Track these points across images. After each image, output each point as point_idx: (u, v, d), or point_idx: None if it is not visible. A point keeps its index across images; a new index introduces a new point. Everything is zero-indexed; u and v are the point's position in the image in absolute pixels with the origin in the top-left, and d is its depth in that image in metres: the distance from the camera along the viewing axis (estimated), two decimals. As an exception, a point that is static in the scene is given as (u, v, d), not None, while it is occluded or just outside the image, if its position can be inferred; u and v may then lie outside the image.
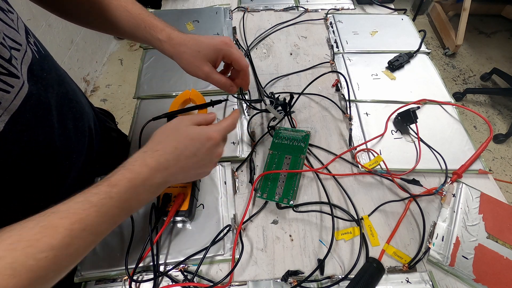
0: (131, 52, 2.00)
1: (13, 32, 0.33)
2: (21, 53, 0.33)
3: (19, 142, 0.34)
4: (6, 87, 0.30)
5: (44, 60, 0.39)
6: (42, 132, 0.37)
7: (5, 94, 0.30)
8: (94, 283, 0.42)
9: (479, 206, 0.47)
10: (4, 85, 0.30)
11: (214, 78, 0.45)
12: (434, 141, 0.55)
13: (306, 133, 0.54)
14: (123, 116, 1.67)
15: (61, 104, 0.41)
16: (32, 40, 0.37)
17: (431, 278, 0.42)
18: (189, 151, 0.36)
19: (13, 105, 0.31)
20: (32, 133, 0.35)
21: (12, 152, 0.33)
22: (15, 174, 0.35)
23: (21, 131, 0.33)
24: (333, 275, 0.42)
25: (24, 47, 0.34)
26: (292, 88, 0.65)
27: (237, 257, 0.42)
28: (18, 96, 0.32)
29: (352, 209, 0.48)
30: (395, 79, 0.65)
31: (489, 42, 2.11)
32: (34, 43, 0.38)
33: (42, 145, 0.37)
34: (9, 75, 0.31)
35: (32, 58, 0.35)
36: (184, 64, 0.44)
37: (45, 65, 0.38)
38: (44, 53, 0.40)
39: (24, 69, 0.33)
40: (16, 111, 0.32)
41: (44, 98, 0.37)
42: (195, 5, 0.86)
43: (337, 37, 0.73)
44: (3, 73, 0.30)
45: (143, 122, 0.52)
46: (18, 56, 0.33)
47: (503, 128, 1.66)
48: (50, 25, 1.44)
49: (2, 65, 0.30)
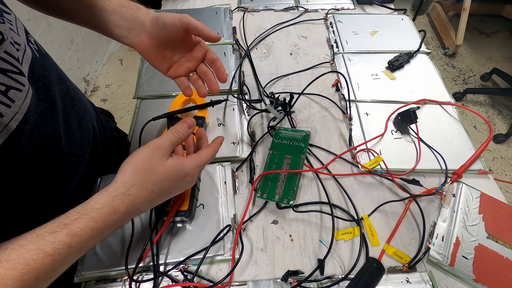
0: (131, 52, 2.00)
1: (12, 33, 0.33)
2: (21, 52, 0.33)
3: (30, 141, 0.34)
4: (19, 86, 0.30)
5: (45, 59, 0.39)
6: (50, 130, 0.37)
7: (18, 93, 0.30)
8: (94, 283, 0.42)
9: (479, 206, 0.47)
10: (17, 83, 0.30)
11: None
12: (434, 141, 0.55)
13: (306, 133, 0.54)
14: (123, 116, 1.67)
15: (64, 102, 0.41)
16: (32, 39, 0.37)
17: (431, 278, 0.42)
18: (164, 191, 0.35)
19: (25, 104, 0.32)
20: (41, 131, 0.35)
21: (23, 152, 0.33)
22: (21, 174, 0.35)
23: (31, 130, 0.33)
24: (333, 275, 0.42)
25: (23, 47, 0.34)
26: (292, 88, 0.65)
27: (237, 257, 0.42)
28: (29, 94, 0.32)
29: (352, 209, 0.48)
30: (395, 79, 0.65)
31: (489, 42, 2.11)
32: (34, 42, 0.38)
33: (50, 143, 0.37)
34: (20, 74, 0.31)
35: (33, 57, 0.35)
36: None
37: (46, 63, 0.38)
38: (44, 52, 0.40)
39: (25, 68, 0.33)
40: (27, 110, 0.32)
41: (49, 96, 0.37)
42: (195, 5, 0.86)
43: (337, 37, 0.73)
44: (15, 72, 0.30)
45: (143, 122, 0.52)
46: (19, 56, 0.33)
47: (503, 128, 1.66)
48: (50, 25, 1.44)
49: (13, 64, 0.30)
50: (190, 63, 0.44)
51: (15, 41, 0.32)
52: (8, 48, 0.30)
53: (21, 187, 0.36)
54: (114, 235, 0.44)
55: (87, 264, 0.42)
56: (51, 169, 0.39)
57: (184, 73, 0.45)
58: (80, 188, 0.46)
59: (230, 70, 0.66)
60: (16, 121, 0.30)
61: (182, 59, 0.44)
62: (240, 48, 0.71)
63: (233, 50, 0.70)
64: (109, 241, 0.44)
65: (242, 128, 0.57)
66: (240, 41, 0.73)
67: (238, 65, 0.67)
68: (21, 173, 0.34)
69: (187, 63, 0.44)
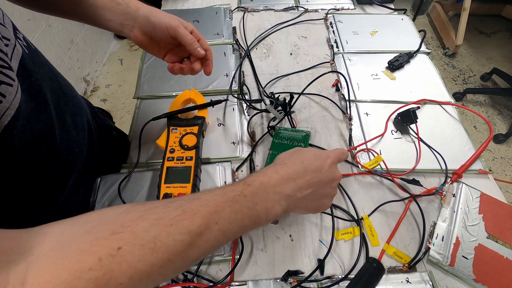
0: (131, 52, 2.01)
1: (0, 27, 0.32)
2: (11, 48, 0.33)
3: (23, 137, 0.34)
4: (9, 81, 0.30)
5: (35, 55, 0.39)
6: (43, 126, 0.37)
7: (9, 88, 0.30)
8: (94, 283, 0.42)
9: (479, 206, 0.47)
10: (7, 78, 0.30)
11: None
12: (434, 141, 0.55)
13: (306, 133, 0.54)
14: (123, 116, 1.67)
15: (57, 98, 0.41)
16: (20, 36, 0.37)
17: (431, 278, 0.42)
18: (314, 166, 0.36)
19: (16, 99, 0.31)
20: (34, 127, 0.35)
21: (17, 147, 0.33)
22: (19, 172, 0.35)
23: (24, 125, 0.33)
24: (333, 275, 0.42)
25: (13, 42, 0.34)
26: (292, 88, 0.65)
27: (237, 257, 0.42)
28: (19, 89, 0.32)
29: (352, 209, 0.48)
30: (395, 79, 0.65)
31: (489, 42, 2.11)
32: (23, 38, 0.37)
33: (44, 140, 0.37)
34: (9, 69, 0.31)
35: (23, 53, 0.35)
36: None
37: (36, 59, 0.38)
38: (34, 49, 0.40)
39: (15, 63, 0.33)
40: (19, 105, 0.32)
41: (41, 92, 0.37)
42: (195, 5, 0.86)
43: (337, 37, 0.73)
44: (5, 66, 0.30)
45: (143, 122, 0.52)
46: (8, 51, 0.32)
47: (503, 128, 1.66)
48: (50, 25, 1.44)
49: (3, 59, 0.30)
50: (183, 52, 0.48)
51: (3, 36, 0.32)
52: None
53: (20, 184, 0.36)
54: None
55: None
56: (48, 166, 0.39)
57: (178, 59, 0.49)
58: (79, 186, 0.46)
59: (230, 70, 0.66)
60: (8, 116, 0.30)
61: (175, 48, 0.48)
62: (240, 48, 0.71)
63: (233, 50, 0.70)
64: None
65: (242, 128, 0.57)
66: (240, 41, 0.73)
67: (238, 65, 0.67)
68: (18, 170, 0.34)
69: (180, 52, 0.48)
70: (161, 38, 0.45)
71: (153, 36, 0.45)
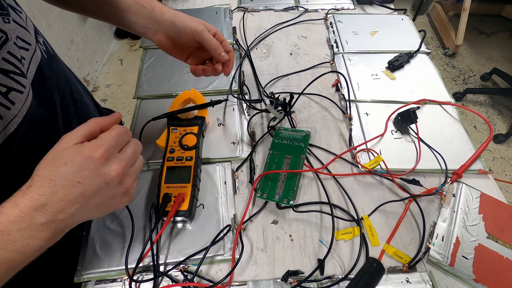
0: (131, 52, 2.00)
1: (23, 31, 0.32)
2: (30, 53, 0.33)
3: (27, 144, 0.33)
4: (20, 88, 0.30)
5: (52, 60, 0.39)
6: (49, 133, 0.37)
7: (19, 95, 0.30)
8: (94, 283, 0.42)
9: (479, 206, 0.47)
10: (18, 85, 0.30)
11: None
12: (434, 141, 0.55)
13: (306, 133, 0.54)
14: (123, 116, 1.68)
15: (66, 106, 0.41)
16: (41, 40, 0.37)
17: (431, 278, 0.42)
18: (67, 179, 0.28)
19: (25, 106, 0.31)
20: (39, 135, 0.35)
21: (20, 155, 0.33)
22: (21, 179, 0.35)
23: (28, 132, 0.33)
24: (333, 275, 0.42)
25: (33, 47, 0.33)
26: (292, 88, 0.65)
27: (237, 257, 0.42)
28: (29, 96, 0.32)
29: (352, 209, 0.48)
30: (395, 79, 0.65)
31: (489, 42, 2.11)
32: (43, 43, 0.37)
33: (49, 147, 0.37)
34: (21, 75, 0.31)
35: (41, 58, 0.35)
36: None
37: (53, 65, 0.38)
38: (52, 53, 0.39)
39: (32, 68, 0.33)
40: (27, 112, 0.32)
41: (52, 99, 0.37)
42: (195, 5, 0.86)
43: (337, 37, 0.73)
44: (17, 73, 0.30)
45: (143, 122, 0.52)
46: (27, 56, 0.32)
47: (503, 128, 1.66)
48: (50, 25, 1.44)
49: (16, 65, 0.30)
50: (205, 54, 0.48)
51: (25, 40, 0.32)
52: (12, 48, 0.29)
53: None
54: (114, 235, 0.45)
55: (87, 264, 0.42)
56: None
57: (200, 62, 0.50)
58: None
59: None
60: (14, 123, 0.30)
61: (197, 50, 0.48)
62: (240, 48, 0.71)
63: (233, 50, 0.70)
64: (109, 241, 0.44)
65: (242, 128, 0.57)
66: (240, 41, 0.73)
67: (238, 65, 0.67)
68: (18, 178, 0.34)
69: (202, 54, 0.49)
70: (185, 43, 0.45)
71: (177, 41, 0.45)
